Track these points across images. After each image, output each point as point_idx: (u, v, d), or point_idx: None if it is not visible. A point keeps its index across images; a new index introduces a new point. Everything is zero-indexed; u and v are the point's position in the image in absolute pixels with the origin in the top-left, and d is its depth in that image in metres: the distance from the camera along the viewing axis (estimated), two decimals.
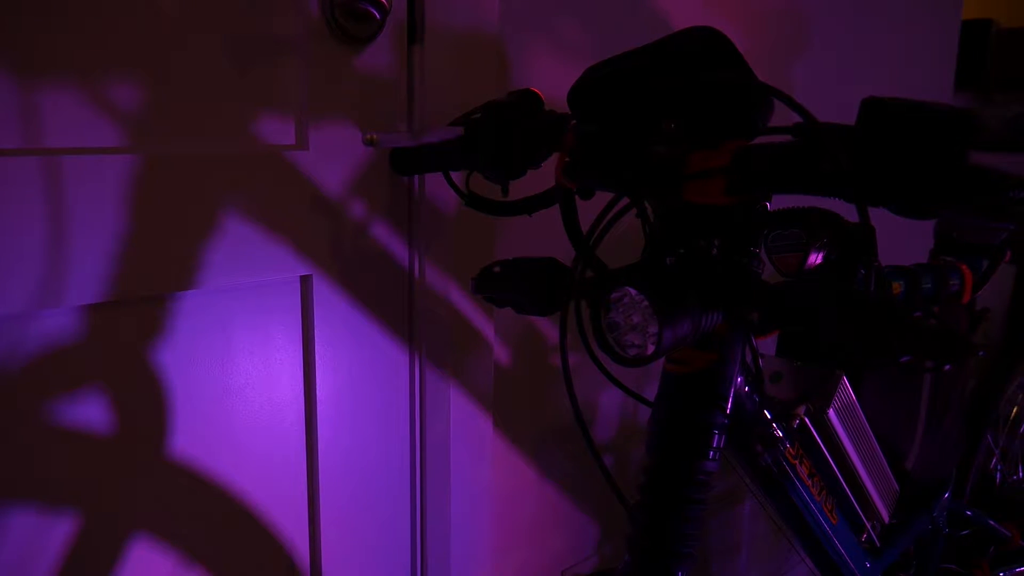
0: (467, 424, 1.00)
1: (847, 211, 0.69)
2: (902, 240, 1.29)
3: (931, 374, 1.09)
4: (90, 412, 0.73)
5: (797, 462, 0.79)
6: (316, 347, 0.87)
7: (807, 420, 0.81)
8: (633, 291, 0.53)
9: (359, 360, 0.92)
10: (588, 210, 0.67)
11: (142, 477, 0.78)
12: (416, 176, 0.92)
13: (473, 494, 1.03)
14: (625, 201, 0.65)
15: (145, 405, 0.77)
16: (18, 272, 0.66)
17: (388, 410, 0.97)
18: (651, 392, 0.65)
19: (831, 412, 0.83)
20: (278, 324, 0.85)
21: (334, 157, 0.84)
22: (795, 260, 0.72)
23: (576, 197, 0.67)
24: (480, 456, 1.03)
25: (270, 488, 0.88)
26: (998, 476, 1.56)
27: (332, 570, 0.95)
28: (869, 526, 0.99)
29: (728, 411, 0.62)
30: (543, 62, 1.01)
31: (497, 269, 0.71)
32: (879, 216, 0.59)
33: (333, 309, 0.88)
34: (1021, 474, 1.63)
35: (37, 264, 0.67)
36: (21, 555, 0.71)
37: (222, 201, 0.77)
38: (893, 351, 0.51)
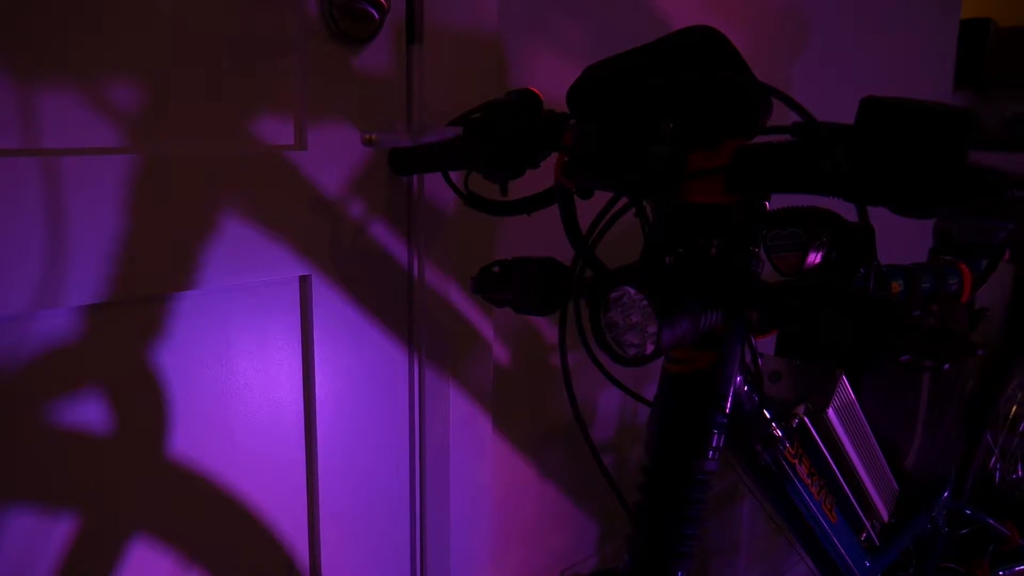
0: (466, 424, 1.00)
1: (846, 210, 0.69)
2: (901, 239, 1.29)
3: (930, 373, 1.09)
4: (90, 412, 0.73)
5: (796, 461, 0.79)
6: (315, 347, 0.87)
7: (806, 419, 0.81)
8: (632, 290, 0.53)
9: (358, 360, 0.92)
10: (587, 210, 0.67)
11: (142, 477, 0.78)
12: (415, 176, 0.92)
13: (473, 493, 1.03)
14: (624, 201, 0.65)
15: (145, 405, 0.77)
16: (18, 273, 0.66)
17: (387, 410, 0.97)
18: (650, 392, 0.65)
19: (830, 411, 0.83)
20: (277, 324, 0.85)
21: (333, 157, 0.84)
22: (794, 259, 0.72)
23: (575, 197, 0.67)
24: (479, 455, 1.03)
25: (270, 488, 0.88)
26: (997, 475, 1.56)
27: (332, 570, 0.95)
28: (868, 525, 0.99)
29: (727, 411, 0.62)
30: (542, 62, 1.01)
31: (496, 269, 0.71)
32: (878, 215, 0.59)
33: (332, 309, 0.88)
34: (1020, 472, 1.63)
35: (37, 265, 0.67)
36: (21, 555, 0.71)
37: (221, 201, 0.77)
38: (892, 350, 0.51)
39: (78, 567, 0.75)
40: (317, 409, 0.89)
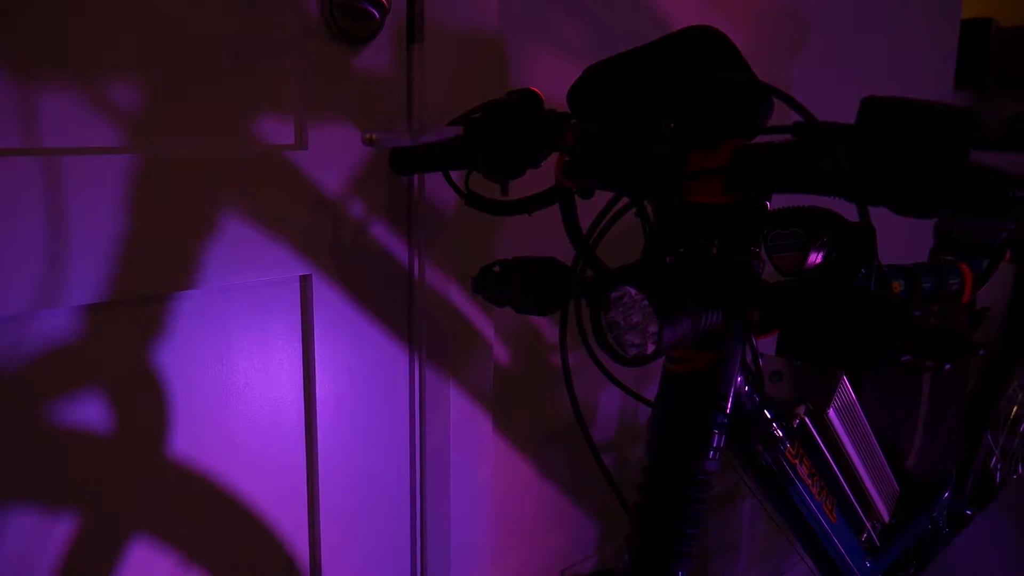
0: (467, 423, 1.00)
1: (847, 210, 0.69)
2: (902, 239, 1.29)
3: (931, 373, 1.09)
4: (90, 412, 0.73)
5: (797, 461, 0.79)
6: (316, 347, 0.87)
7: (807, 420, 0.81)
8: (633, 290, 0.53)
9: (359, 360, 0.92)
10: (588, 209, 0.67)
11: (142, 477, 0.78)
12: (416, 176, 0.92)
13: (473, 493, 1.03)
14: (625, 200, 0.65)
15: (145, 405, 0.77)
16: (18, 273, 0.66)
17: (388, 409, 0.97)
18: (651, 392, 0.65)
19: (831, 412, 0.83)
20: (278, 324, 0.85)
21: (333, 157, 0.84)
22: (795, 259, 0.72)
23: (576, 196, 0.67)
24: (480, 455, 1.03)
25: (270, 488, 0.88)
26: (998, 475, 1.56)
27: (332, 569, 0.95)
28: (869, 525, 0.99)
29: (728, 411, 0.62)
30: (543, 61, 1.01)
31: (497, 268, 0.71)
32: (879, 215, 0.59)
33: (333, 309, 0.88)
34: (1021, 473, 1.63)
35: (37, 265, 0.67)
36: (21, 555, 0.71)
37: (221, 201, 0.77)
38: (893, 350, 0.51)
39: (78, 567, 0.75)
40: (317, 409, 0.89)
